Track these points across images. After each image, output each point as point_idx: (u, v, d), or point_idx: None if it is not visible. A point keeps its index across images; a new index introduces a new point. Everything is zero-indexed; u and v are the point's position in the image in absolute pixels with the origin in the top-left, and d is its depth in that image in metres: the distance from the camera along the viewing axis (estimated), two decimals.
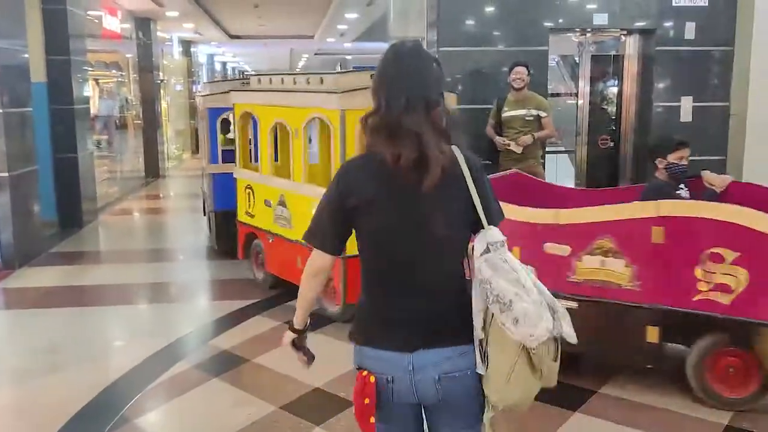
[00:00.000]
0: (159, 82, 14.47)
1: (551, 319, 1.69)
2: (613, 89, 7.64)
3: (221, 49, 24.86)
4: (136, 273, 6.61)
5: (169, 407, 3.83)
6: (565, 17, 6.98)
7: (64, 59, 8.18)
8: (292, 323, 2.00)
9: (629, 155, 7.52)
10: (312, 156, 5.98)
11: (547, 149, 6.89)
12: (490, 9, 6.91)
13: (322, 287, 1.99)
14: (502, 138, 6.12)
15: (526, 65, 6.11)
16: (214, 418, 3.65)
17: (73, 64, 8.31)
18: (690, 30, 6.97)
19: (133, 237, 8.93)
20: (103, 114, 10.99)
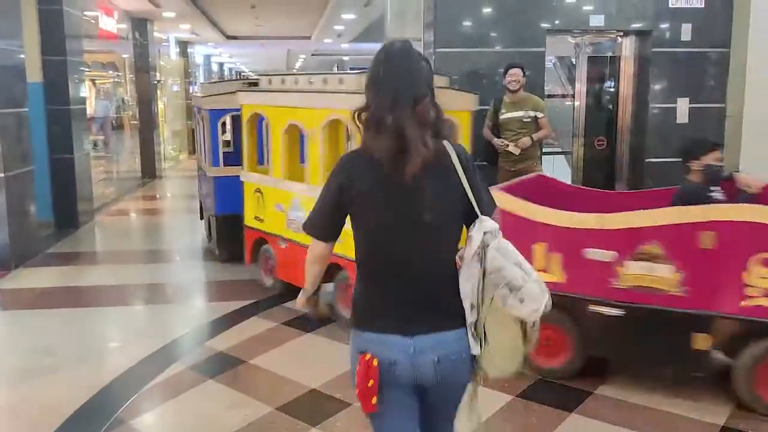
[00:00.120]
0: (156, 82, 14.44)
1: (547, 294, 1.87)
2: (610, 90, 7.66)
3: (218, 50, 24.84)
4: (132, 274, 6.59)
5: (165, 409, 3.82)
6: (562, 19, 6.99)
7: (60, 59, 8.15)
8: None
9: (625, 156, 7.54)
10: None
11: (544, 150, 6.89)
12: (487, 10, 6.92)
13: (324, 269, 2.14)
14: (500, 140, 6.11)
15: (521, 67, 6.08)
16: (210, 419, 3.64)
17: (70, 64, 8.29)
18: (686, 32, 6.99)
19: (130, 238, 8.89)
20: (100, 114, 10.96)
